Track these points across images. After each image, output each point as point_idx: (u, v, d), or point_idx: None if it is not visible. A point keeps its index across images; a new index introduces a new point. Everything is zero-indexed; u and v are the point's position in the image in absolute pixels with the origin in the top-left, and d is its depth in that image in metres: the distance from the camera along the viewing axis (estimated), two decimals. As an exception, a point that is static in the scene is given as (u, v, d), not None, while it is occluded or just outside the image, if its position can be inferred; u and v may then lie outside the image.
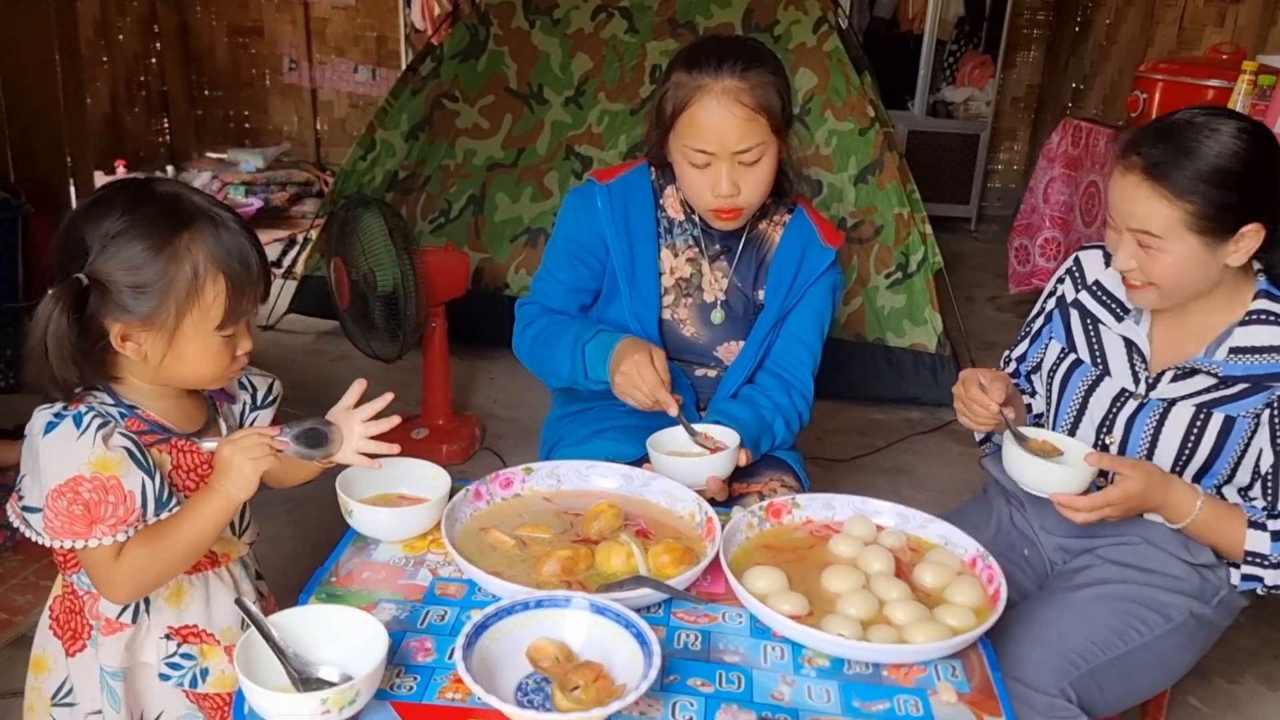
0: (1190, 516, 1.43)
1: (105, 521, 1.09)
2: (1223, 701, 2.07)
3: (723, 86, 1.51)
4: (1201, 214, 1.35)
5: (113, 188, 1.13)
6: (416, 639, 1.09)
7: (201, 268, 1.10)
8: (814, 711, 1.03)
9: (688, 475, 1.44)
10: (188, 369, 1.16)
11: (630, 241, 1.71)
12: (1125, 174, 1.40)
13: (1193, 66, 2.96)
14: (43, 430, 1.10)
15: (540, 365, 1.74)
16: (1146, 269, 1.41)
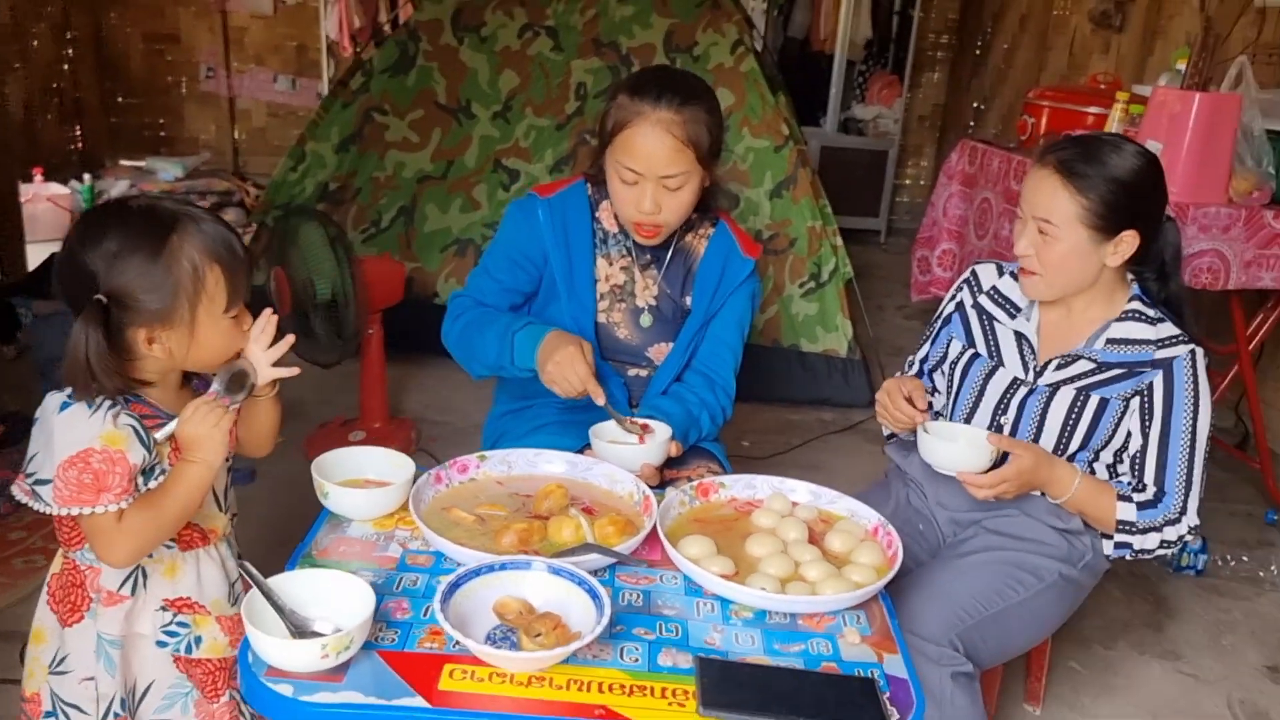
0: (1070, 491, 1.66)
1: (111, 490, 1.21)
2: (1099, 665, 2.30)
3: (658, 116, 1.69)
4: (1094, 211, 1.61)
5: (92, 216, 1.26)
6: (394, 600, 1.24)
7: (198, 260, 1.24)
8: (742, 653, 1.21)
9: (624, 462, 1.60)
10: (209, 354, 1.30)
11: (569, 251, 1.87)
12: (1040, 169, 1.67)
13: (1075, 95, 3.24)
14: (57, 409, 1.22)
15: (468, 352, 1.88)
16: (1041, 255, 1.66)
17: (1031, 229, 1.68)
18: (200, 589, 1.37)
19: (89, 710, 1.33)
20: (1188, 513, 1.68)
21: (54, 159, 5.87)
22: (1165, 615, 2.52)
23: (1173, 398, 1.68)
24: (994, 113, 6.11)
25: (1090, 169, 1.63)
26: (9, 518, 2.46)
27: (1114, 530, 1.68)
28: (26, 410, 2.94)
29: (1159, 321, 1.72)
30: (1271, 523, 2.98)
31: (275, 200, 3.83)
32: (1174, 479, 1.68)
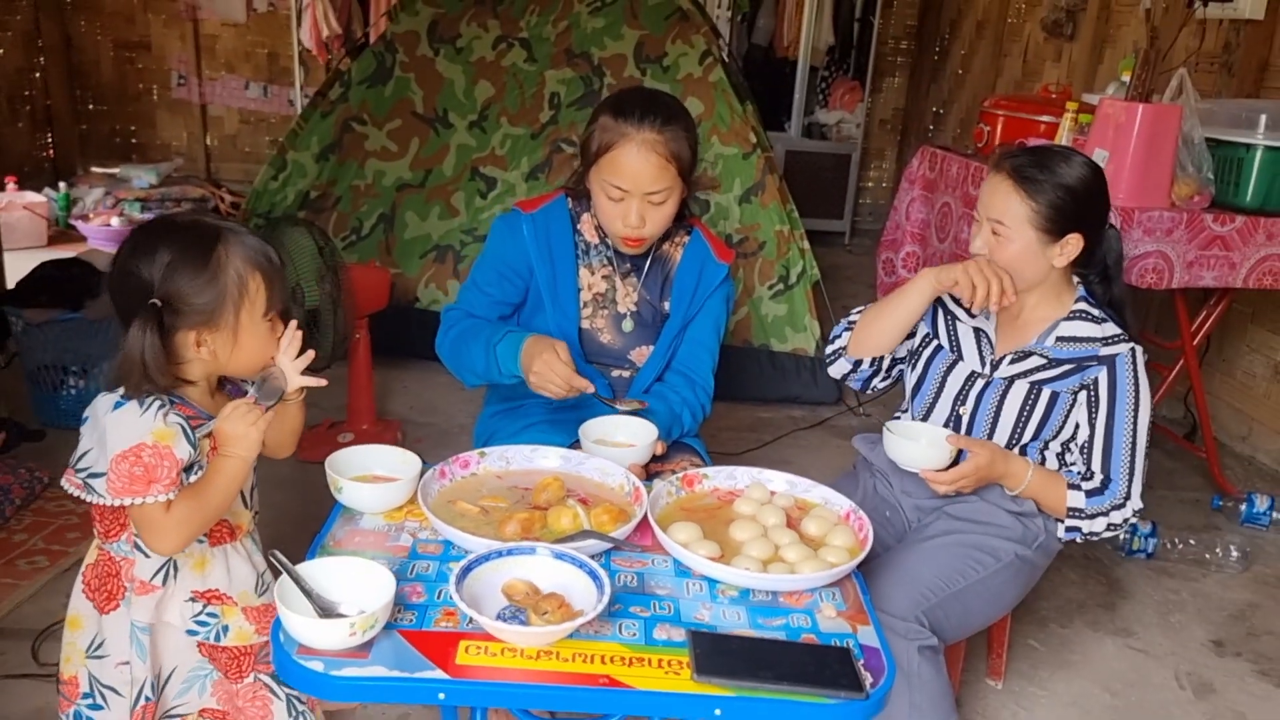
0: (1024, 483, 1.81)
1: (160, 482, 1.31)
2: (1055, 642, 2.45)
3: (643, 137, 1.81)
4: (1042, 214, 1.78)
5: (143, 232, 1.38)
6: (408, 585, 1.34)
7: (242, 268, 1.36)
8: (730, 627, 1.33)
9: (615, 461, 1.71)
10: (247, 356, 1.41)
11: (552, 263, 1.99)
12: (995, 176, 1.83)
13: (1028, 104, 3.40)
14: (110, 408, 1.33)
15: (458, 364, 1.98)
16: (994, 254, 1.82)
17: (986, 230, 1.84)
18: (229, 581, 1.47)
19: (124, 693, 1.43)
20: (1131, 497, 1.83)
21: (25, 166, 5.89)
22: (1118, 596, 2.67)
23: (1116, 392, 1.83)
24: (952, 116, 6.30)
25: (1040, 175, 1.79)
26: (10, 521, 2.53)
27: (1065, 516, 1.83)
28: (17, 416, 3.02)
29: (1103, 321, 1.87)
30: (1218, 508, 3.15)
31: (256, 209, 3.91)
32: (1118, 467, 1.83)
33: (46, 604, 2.25)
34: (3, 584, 2.28)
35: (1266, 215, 2.78)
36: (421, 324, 3.76)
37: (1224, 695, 2.29)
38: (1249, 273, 2.81)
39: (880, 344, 1.97)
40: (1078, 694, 2.24)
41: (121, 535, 1.41)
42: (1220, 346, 3.72)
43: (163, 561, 1.43)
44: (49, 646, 2.09)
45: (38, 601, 2.27)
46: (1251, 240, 2.79)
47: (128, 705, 1.43)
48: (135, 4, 6.29)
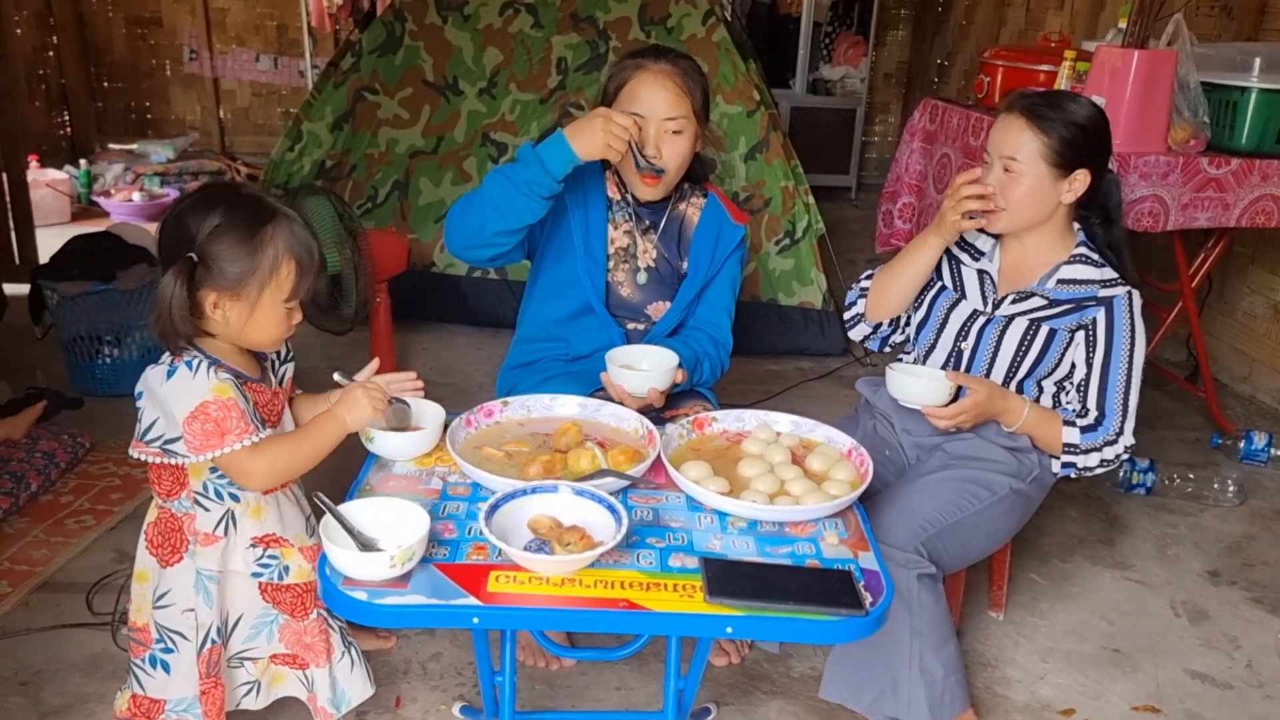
0: (1021, 419, 1.91)
1: (233, 432, 1.43)
2: (1056, 575, 2.55)
3: (659, 68, 1.94)
4: (1054, 149, 1.87)
5: (208, 190, 1.48)
6: (440, 523, 1.46)
7: (280, 253, 1.46)
8: (739, 555, 1.43)
9: (635, 384, 1.84)
10: (259, 332, 1.50)
11: (586, 213, 2.08)
12: (1008, 115, 1.93)
13: (1027, 54, 3.44)
14: (164, 379, 1.43)
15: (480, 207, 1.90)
16: (1006, 192, 1.91)
17: (998, 168, 1.92)
18: (283, 525, 1.59)
19: (190, 637, 1.55)
20: (1124, 434, 1.93)
21: (44, 145, 6.00)
22: (1117, 531, 2.77)
23: (1113, 332, 1.92)
24: (957, 68, 6.32)
25: (1052, 113, 1.89)
26: (57, 484, 2.66)
27: (1061, 452, 1.93)
28: (56, 385, 3.15)
29: (1102, 265, 1.97)
30: (1217, 446, 3.23)
31: (274, 179, 4.00)
32: (1113, 404, 1.93)
33: (95, 559, 2.38)
34: (54, 542, 2.41)
35: (1261, 157, 2.84)
36: (438, 287, 3.89)
37: (1218, 621, 2.39)
38: (1242, 213, 2.87)
39: (897, 305, 2.08)
40: (1076, 624, 2.35)
41: (181, 493, 1.53)
42: (1221, 288, 3.78)
43: (222, 513, 1.54)
44: (101, 598, 2.22)
45: (87, 557, 2.40)
46: (1246, 182, 2.85)
47: (194, 648, 1.55)
48: (145, -20, 6.37)
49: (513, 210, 1.89)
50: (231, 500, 1.55)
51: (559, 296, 2.10)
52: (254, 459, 1.47)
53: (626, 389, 1.86)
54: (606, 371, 1.89)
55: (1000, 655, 2.22)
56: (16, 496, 2.51)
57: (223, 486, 1.54)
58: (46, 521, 2.49)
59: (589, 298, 2.07)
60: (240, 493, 1.55)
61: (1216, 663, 2.24)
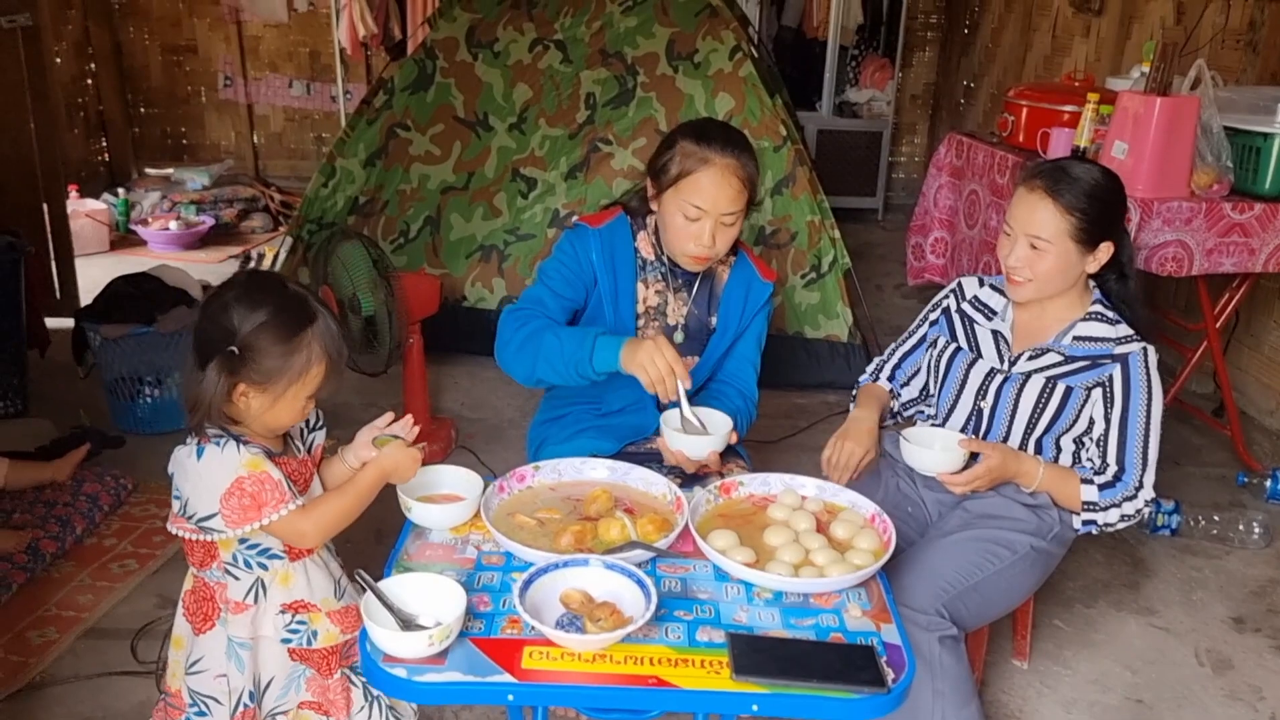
0: (1037, 480, 1.95)
1: (269, 504, 1.49)
2: (1080, 622, 2.58)
3: (725, 163, 1.96)
4: (1080, 226, 1.91)
5: (255, 282, 1.53)
6: (475, 595, 1.50)
7: (314, 356, 1.52)
8: (765, 628, 1.48)
9: (696, 448, 1.89)
10: (275, 420, 1.56)
11: (615, 276, 2.14)
12: (1030, 193, 1.95)
13: (1051, 94, 3.47)
14: (195, 457, 1.49)
15: (531, 356, 2.01)
16: (1032, 266, 1.95)
17: (1023, 244, 1.95)
18: (310, 590, 1.65)
19: (224, 701, 1.60)
20: (1144, 488, 1.95)
21: (83, 172, 6.13)
22: (1142, 574, 2.79)
23: (1130, 388, 1.95)
24: (983, 91, 6.32)
25: (1073, 189, 1.91)
26: (100, 526, 2.74)
27: (1081, 510, 1.96)
28: (98, 423, 3.24)
29: (1117, 322, 2.00)
30: (1242, 485, 3.24)
31: (309, 215, 4.09)
32: (1132, 458, 1.95)
33: (139, 604, 2.46)
34: (99, 587, 2.49)
35: (1285, 201, 2.86)
36: (469, 321, 3.96)
37: (1241, 671, 2.40)
38: (1268, 258, 2.89)
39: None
40: (1100, 672, 2.37)
41: (213, 564, 1.59)
42: (1248, 322, 3.78)
43: (252, 581, 1.60)
44: (146, 645, 2.30)
45: (131, 602, 2.47)
46: (1270, 226, 2.86)
47: (228, 712, 1.61)
48: (181, 9, 6.50)
49: (556, 375, 2.01)
50: (260, 569, 1.60)
51: None
52: (304, 519, 1.54)
53: (687, 454, 1.90)
54: (662, 437, 1.93)
55: (1024, 706, 2.25)
56: (63, 540, 2.60)
57: (251, 557, 1.59)
58: (91, 565, 2.57)
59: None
60: (269, 561, 1.60)
61: (1240, 715, 2.26)
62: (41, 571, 2.53)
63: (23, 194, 4.04)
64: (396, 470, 1.62)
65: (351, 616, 1.68)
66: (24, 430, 3.19)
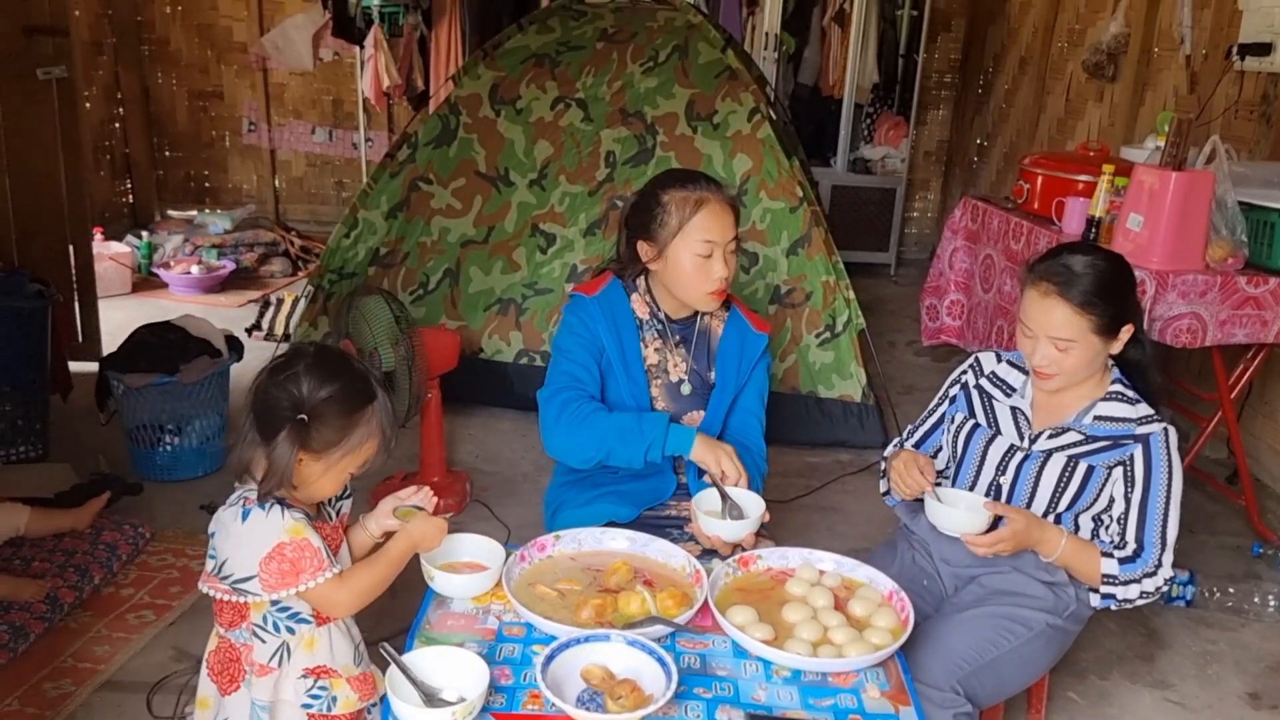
0: (1058, 550, 1.95)
1: (306, 570, 1.53)
2: (1094, 695, 2.57)
3: (717, 196, 2.10)
4: (1101, 321, 1.92)
5: (325, 356, 1.58)
6: (497, 668, 1.52)
7: (371, 431, 1.57)
8: (783, 708, 1.49)
9: (734, 532, 1.92)
10: (320, 490, 1.61)
11: (619, 337, 2.18)
12: (1043, 297, 1.95)
13: (1066, 163, 3.51)
14: (240, 520, 1.53)
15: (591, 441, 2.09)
16: (1060, 364, 1.96)
17: (1045, 344, 1.95)
18: (333, 656, 1.66)
19: None
20: (1163, 566, 1.96)
21: (107, 214, 6.22)
22: (1156, 646, 2.78)
23: (1151, 469, 1.96)
24: (996, 151, 6.39)
25: (1085, 286, 1.91)
26: (118, 576, 2.76)
27: (1099, 583, 1.96)
28: (117, 468, 3.27)
29: (1137, 401, 2.01)
30: (1258, 555, 3.23)
31: (330, 265, 4.14)
32: (1151, 537, 1.96)
33: (155, 657, 2.47)
34: (115, 638, 2.51)
35: (1299, 276, 2.88)
36: (486, 373, 3.99)
37: (1257, 749, 2.39)
38: (1281, 331, 2.91)
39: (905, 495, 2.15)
40: (1114, 747, 2.36)
41: (241, 624, 1.61)
42: (1261, 389, 3.79)
43: (278, 645, 1.62)
44: (161, 699, 2.31)
45: (147, 654, 2.48)
46: (1285, 300, 2.88)
47: None
48: (209, 56, 6.63)
49: (617, 457, 2.10)
50: (288, 633, 1.62)
51: None
52: (340, 589, 1.58)
53: (724, 539, 1.94)
54: (696, 521, 1.97)
55: (1038, 781, 2.24)
56: (81, 590, 2.62)
57: (281, 620, 1.61)
58: (108, 616, 2.59)
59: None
60: (297, 625, 1.62)
61: (1256, 796, 2.24)
62: (59, 621, 2.54)
63: (50, 239, 4.11)
64: (424, 541, 1.66)
65: (369, 684, 1.70)
66: (44, 474, 3.22)
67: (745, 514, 1.96)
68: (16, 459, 3.36)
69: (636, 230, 2.17)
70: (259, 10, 6.54)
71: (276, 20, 6.43)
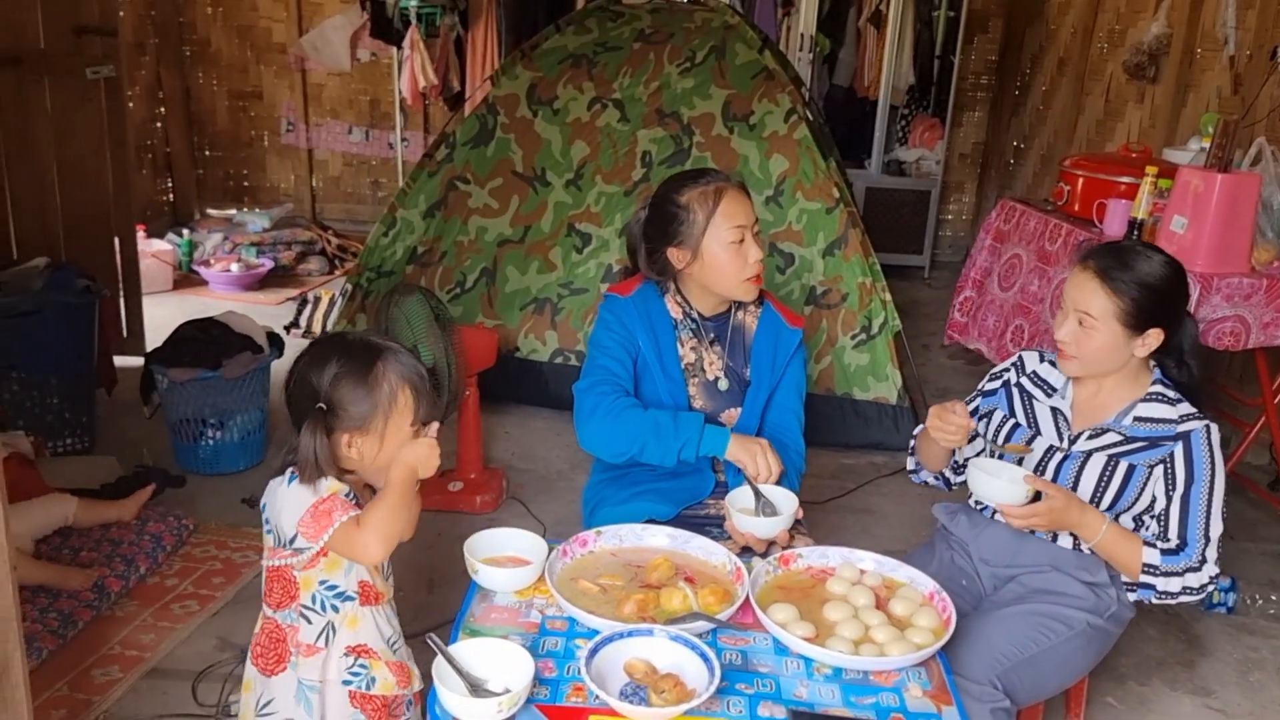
0: (1099, 535, 1.93)
1: (336, 511, 1.55)
2: (1134, 700, 2.55)
3: (731, 184, 2.14)
4: (1128, 310, 1.92)
5: (320, 345, 1.62)
6: (540, 661, 1.54)
7: (395, 384, 1.59)
8: (825, 704, 1.49)
9: (766, 530, 1.94)
10: (390, 460, 1.61)
11: (655, 336, 2.20)
12: (1082, 273, 1.98)
13: (1108, 165, 3.48)
14: (286, 484, 1.57)
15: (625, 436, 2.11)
16: (1079, 343, 1.97)
17: (1072, 320, 1.97)
18: (375, 636, 1.68)
19: None
20: (1207, 562, 1.93)
21: (148, 211, 6.31)
22: (1197, 653, 2.75)
23: (1192, 466, 1.95)
24: (1033, 152, 6.34)
25: (1125, 275, 1.93)
26: (162, 567, 2.81)
27: (1140, 574, 1.94)
28: (160, 461, 3.33)
29: (1178, 401, 2.00)
30: (1300, 562, 3.20)
31: (368, 263, 4.18)
32: (1195, 533, 1.94)
33: (199, 646, 2.51)
34: (160, 627, 2.55)
35: (1344, 279, 2.85)
36: (522, 372, 4.02)
37: (1301, 757, 2.37)
38: (1327, 334, 2.87)
39: (935, 465, 2.18)
40: (1154, 753, 2.35)
41: (290, 605, 1.63)
42: (1306, 396, 3.74)
43: (323, 625, 1.64)
44: (206, 687, 2.35)
45: (191, 644, 2.53)
46: (1330, 304, 2.85)
47: None
48: (249, 56, 6.70)
49: (649, 454, 2.11)
50: (333, 611, 1.64)
51: None
52: (362, 531, 1.56)
53: (757, 535, 1.95)
54: (730, 519, 1.98)
55: (1077, 786, 2.22)
56: (127, 579, 2.67)
57: (327, 598, 1.64)
58: (154, 605, 2.63)
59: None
60: (342, 604, 1.64)
61: (1299, 804, 2.22)
62: (106, 609, 2.59)
63: (97, 235, 4.18)
64: (421, 462, 1.61)
65: (404, 673, 1.71)
66: (90, 466, 3.28)
67: (778, 511, 1.97)
68: (64, 451, 3.43)
69: (660, 241, 2.18)
70: (298, 11, 6.60)
71: (315, 21, 6.49)
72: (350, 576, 1.64)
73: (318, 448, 1.55)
